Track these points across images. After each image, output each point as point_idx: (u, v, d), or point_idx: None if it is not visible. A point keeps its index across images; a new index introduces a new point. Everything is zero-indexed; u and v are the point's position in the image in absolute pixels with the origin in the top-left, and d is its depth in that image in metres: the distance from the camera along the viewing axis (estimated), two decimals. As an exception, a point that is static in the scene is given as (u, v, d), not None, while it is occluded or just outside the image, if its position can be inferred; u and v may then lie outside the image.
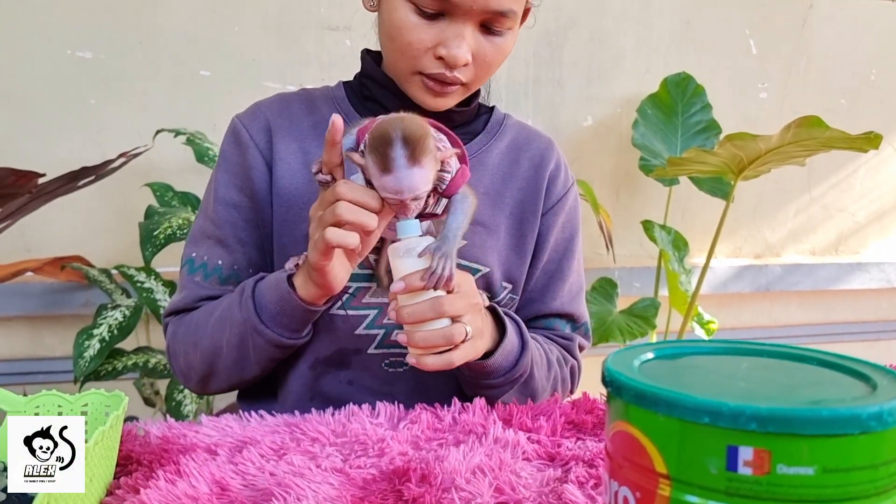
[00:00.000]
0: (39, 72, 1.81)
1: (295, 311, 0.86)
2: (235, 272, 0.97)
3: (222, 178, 0.98)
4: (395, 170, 0.72)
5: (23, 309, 1.81)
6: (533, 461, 0.74)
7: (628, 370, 0.45)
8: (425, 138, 0.73)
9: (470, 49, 0.88)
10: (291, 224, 0.95)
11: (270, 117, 0.98)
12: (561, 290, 1.04)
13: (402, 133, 0.72)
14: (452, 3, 0.85)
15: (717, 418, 0.38)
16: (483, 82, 0.95)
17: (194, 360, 0.95)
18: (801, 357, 0.49)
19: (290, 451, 0.74)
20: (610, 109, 2.23)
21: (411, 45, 0.88)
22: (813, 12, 2.35)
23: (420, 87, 0.92)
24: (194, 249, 0.99)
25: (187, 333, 0.96)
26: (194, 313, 0.97)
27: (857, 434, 0.37)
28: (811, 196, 2.45)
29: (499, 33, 0.89)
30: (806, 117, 1.53)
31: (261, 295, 0.88)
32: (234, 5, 1.91)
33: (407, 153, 0.72)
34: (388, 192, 0.74)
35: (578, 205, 1.08)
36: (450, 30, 0.87)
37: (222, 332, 0.91)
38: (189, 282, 0.98)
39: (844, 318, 2.50)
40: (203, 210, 1.01)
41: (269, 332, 0.88)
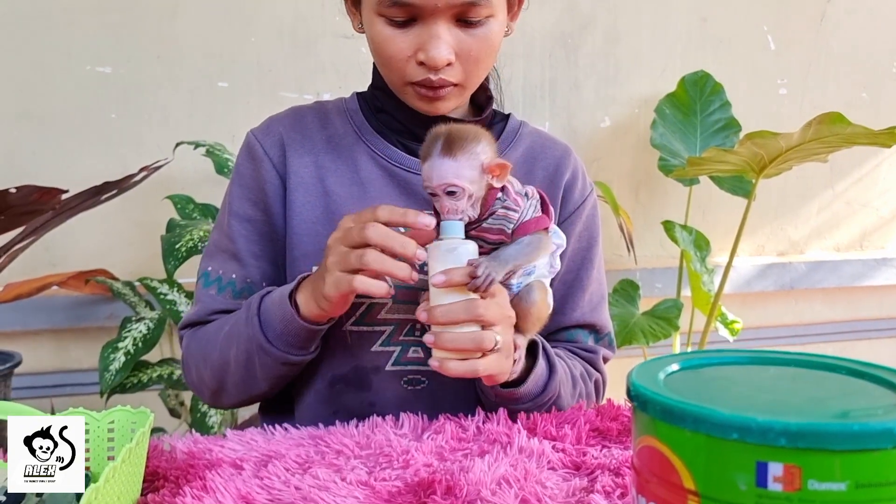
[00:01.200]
0: (60, 88, 1.84)
1: (300, 331, 0.86)
2: (249, 285, 0.97)
3: (236, 192, 0.99)
4: (428, 159, 0.77)
5: (49, 323, 1.83)
6: (558, 470, 0.74)
7: (653, 384, 0.45)
8: (467, 138, 0.77)
9: (450, 47, 0.86)
10: (305, 238, 0.95)
11: (284, 131, 0.99)
12: (581, 301, 1.02)
13: (449, 130, 0.78)
14: (417, 6, 0.84)
15: (746, 434, 0.38)
16: (477, 79, 0.93)
17: (205, 374, 0.96)
18: (829, 366, 0.48)
19: (314, 465, 0.74)
20: (627, 110, 2.22)
21: (392, 57, 0.88)
22: (831, 6, 2.32)
23: (413, 95, 0.91)
24: (210, 263, 0.99)
25: (199, 348, 0.96)
26: (207, 327, 0.97)
27: (890, 448, 0.37)
28: (834, 192, 2.41)
29: (478, 24, 0.86)
30: (827, 113, 1.51)
31: (266, 312, 0.88)
32: (249, 16, 1.93)
33: (442, 145, 0.76)
34: (424, 182, 0.78)
35: (597, 213, 1.06)
36: (424, 33, 0.86)
37: (230, 348, 0.91)
38: (204, 295, 0.98)
39: (871, 314, 2.47)
40: (218, 224, 1.01)
41: (275, 351, 0.87)
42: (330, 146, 0.98)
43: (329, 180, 0.96)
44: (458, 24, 0.86)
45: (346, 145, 0.98)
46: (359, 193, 0.96)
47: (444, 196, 0.77)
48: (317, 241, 0.95)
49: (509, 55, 2.10)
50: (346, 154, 0.98)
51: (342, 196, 0.96)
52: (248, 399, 0.97)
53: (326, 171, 0.97)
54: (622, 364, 0.91)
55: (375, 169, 0.97)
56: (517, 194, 0.81)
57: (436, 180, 0.76)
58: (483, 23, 0.87)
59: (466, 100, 0.97)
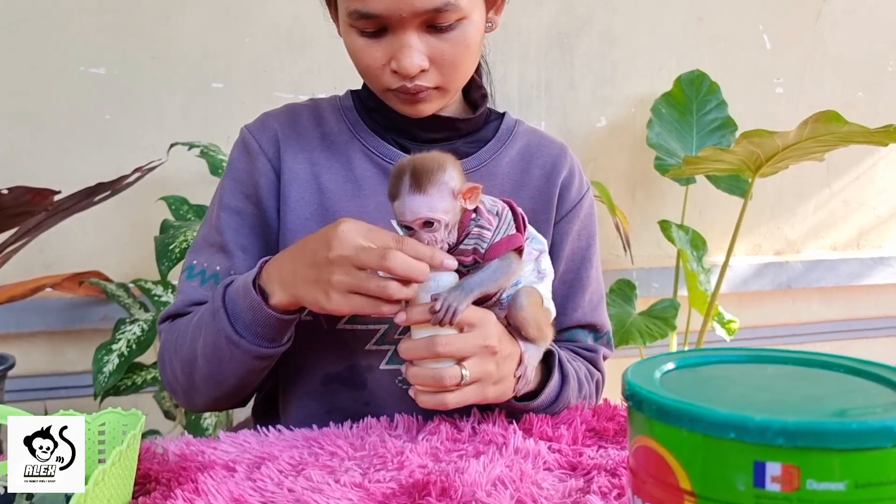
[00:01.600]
0: (54, 89, 1.83)
1: (269, 321, 0.82)
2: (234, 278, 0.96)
3: (229, 184, 0.98)
4: (399, 196, 0.75)
5: (43, 325, 1.82)
6: (554, 471, 0.73)
7: (649, 383, 0.44)
8: (433, 169, 0.75)
9: (422, 54, 0.86)
10: (298, 234, 0.94)
11: (279, 128, 0.98)
12: (582, 301, 1.02)
13: (413, 163, 0.76)
14: (384, 17, 0.83)
15: (743, 433, 0.37)
16: (459, 81, 0.92)
17: (177, 369, 0.92)
18: (826, 364, 0.48)
19: (308, 467, 0.73)
20: (624, 109, 2.21)
21: (368, 66, 0.89)
22: (827, 5, 2.31)
23: (395, 100, 0.92)
24: (195, 257, 0.97)
25: (171, 341, 0.93)
26: (180, 321, 0.94)
27: (889, 447, 0.36)
28: (831, 191, 2.41)
29: (449, 28, 0.86)
30: (823, 112, 1.50)
31: (231, 303, 0.84)
32: (245, 17, 1.92)
33: (412, 180, 0.75)
34: (396, 217, 0.77)
35: (594, 211, 1.06)
36: (395, 42, 0.85)
37: (197, 342, 0.87)
38: (186, 287, 0.96)
39: (868, 313, 2.46)
40: (206, 219, 1.00)
41: (244, 343, 0.83)
42: (324, 143, 0.98)
43: (323, 177, 0.96)
44: (429, 31, 0.86)
45: (340, 143, 0.98)
46: (353, 190, 0.96)
47: (421, 230, 0.75)
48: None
49: (505, 54, 2.10)
50: (340, 151, 0.98)
51: (336, 193, 0.96)
52: (219, 396, 0.92)
53: (321, 168, 0.96)
54: (619, 364, 0.90)
55: (370, 166, 0.97)
56: (489, 213, 0.80)
57: (409, 216, 0.75)
58: (454, 26, 0.86)
59: (452, 100, 0.97)
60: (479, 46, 0.92)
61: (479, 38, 0.91)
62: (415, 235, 0.76)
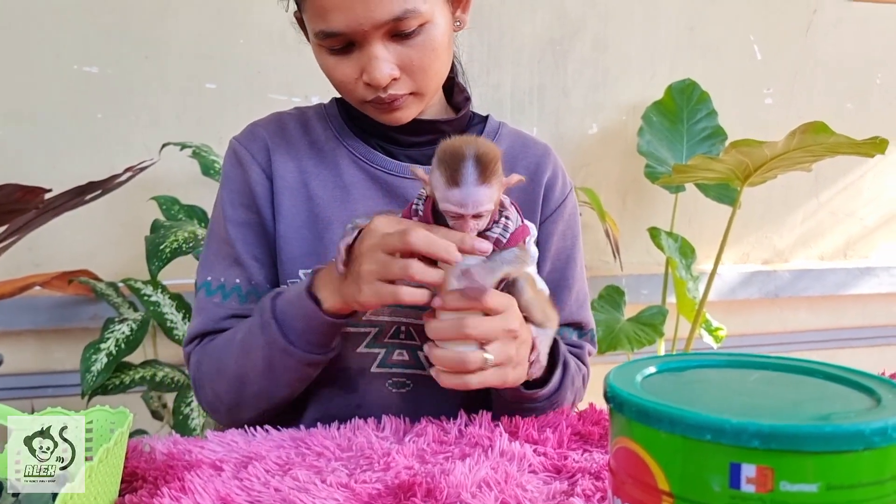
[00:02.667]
0: (46, 87, 1.83)
1: (323, 327, 0.85)
2: (254, 288, 0.96)
3: (228, 198, 0.98)
4: (463, 184, 0.74)
5: (31, 323, 1.82)
6: (539, 474, 0.74)
7: (630, 386, 0.45)
8: (497, 160, 0.75)
9: (391, 64, 0.87)
10: (292, 241, 0.96)
11: (268, 136, 0.99)
12: (568, 299, 1.03)
13: (476, 151, 0.74)
14: (348, 33, 0.85)
15: (720, 435, 0.38)
16: (432, 84, 0.93)
17: (221, 389, 0.93)
18: (806, 370, 0.49)
19: (295, 466, 0.73)
20: (615, 116, 2.23)
21: (342, 82, 0.91)
22: (817, 16, 2.34)
23: (372, 111, 0.93)
24: (209, 273, 0.98)
25: (211, 363, 0.94)
26: (216, 341, 0.95)
27: (861, 450, 0.37)
28: (819, 201, 2.43)
29: (413, 35, 0.87)
30: (811, 123, 1.52)
31: (282, 314, 0.86)
32: (239, 18, 1.92)
33: (478, 170, 0.73)
34: (452, 205, 0.75)
35: (577, 211, 1.07)
36: (363, 56, 0.87)
37: (246, 358, 0.89)
38: (207, 303, 0.96)
39: (854, 323, 2.48)
40: (212, 234, 1.01)
41: (297, 352, 0.85)
42: (312, 151, 0.99)
43: (312, 184, 0.97)
44: (394, 39, 0.87)
45: (328, 150, 0.99)
46: (342, 197, 0.97)
47: (470, 219, 0.76)
48: (303, 244, 0.96)
49: (499, 60, 2.11)
50: (328, 159, 0.99)
51: (326, 200, 0.97)
52: (267, 408, 0.93)
53: (310, 176, 0.97)
54: (606, 369, 0.91)
55: (358, 172, 0.98)
56: (512, 204, 0.82)
57: (472, 207, 0.75)
58: (418, 32, 0.87)
59: (429, 104, 0.97)
60: (448, 48, 0.92)
61: (447, 40, 0.91)
62: (460, 224, 0.76)
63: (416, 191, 0.96)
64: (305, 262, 0.95)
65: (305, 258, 0.95)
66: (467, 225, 0.76)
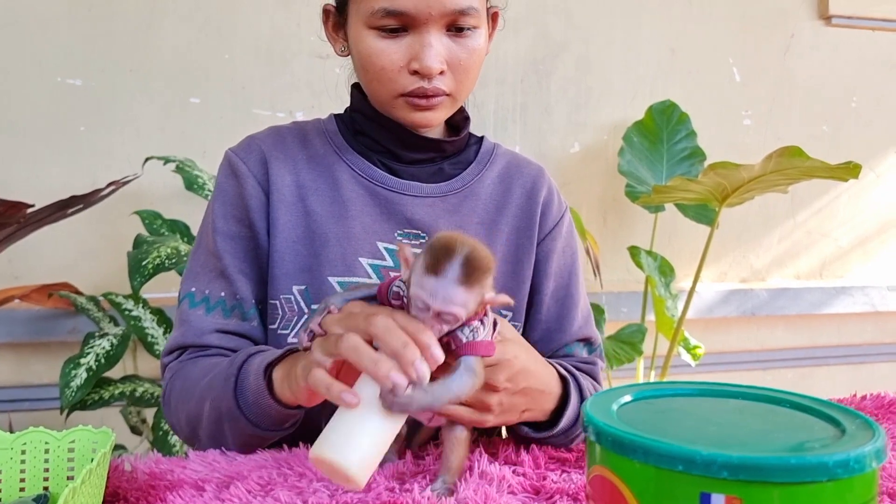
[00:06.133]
0: (29, 99, 1.82)
1: (269, 410, 0.79)
2: (239, 302, 0.95)
3: (220, 210, 0.97)
4: (441, 276, 0.65)
5: (9, 336, 1.80)
6: (518, 494, 0.75)
7: (606, 416, 0.46)
8: (487, 272, 0.67)
9: (441, 56, 0.88)
10: (286, 257, 0.95)
11: (265, 149, 0.98)
12: (577, 315, 1.04)
13: (469, 253, 0.66)
14: (411, 15, 0.86)
15: (691, 466, 0.39)
16: (466, 91, 0.94)
17: (181, 419, 0.91)
18: (775, 399, 0.50)
19: (276, 487, 0.74)
20: (597, 136, 2.26)
21: (385, 68, 0.89)
22: (795, 41, 2.39)
23: (405, 107, 0.92)
24: (193, 284, 0.96)
25: (181, 388, 0.91)
26: (192, 369, 0.91)
27: (824, 481, 0.39)
28: (795, 222, 2.48)
29: (466, 34, 0.89)
30: (787, 147, 1.55)
31: (245, 376, 0.81)
32: (224, 33, 1.93)
33: (464, 271, 0.65)
34: (423, 291, 0.66)
35: (574, 228, 1.09)
36: (417, 42, 0.88)
37: (205, 400, 0.85)
38: (190, 316, 0.94)
39: (830, 341, 2.53)
40: (200, 245, 0.99)
41: (243, 421, 0.81)
42: (311, 165, 0.98)
43: (310, 199, 0.96)
44: (448, 34, 0.89)
45: (326, 164, 0.98)
46: (340, 212, 0.96)
47: (434, 315, 0.66)
48: (298, 260, 0.95)
49: (483, 78, 2.12)
50: (326, 173, 0.98)
51: (323, 215, 0.96)
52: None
53: (307, 191, 0.97)
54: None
55: (356, 188, 0.97)
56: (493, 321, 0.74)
57: (441, 304, 0.65)
58: (471, 33, 0.90)
59: (452, 113, 0.98)
60: (482, 63, 0.94)
61: (484, 55, 0.94)
62: (422, 318, 0.67)
63: (415, 208, 0.97)
64: (300, 279, 0.95)
65: (300, 274, 0.95)
66: (429, 320, 0.66)
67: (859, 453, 0.39)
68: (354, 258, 0.95)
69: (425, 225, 0.97)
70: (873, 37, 2.45)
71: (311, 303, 0.95)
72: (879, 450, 0.41)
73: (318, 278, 0.94)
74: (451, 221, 0.98)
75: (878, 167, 2.51)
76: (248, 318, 0.96)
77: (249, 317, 0.96)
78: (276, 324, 0.96)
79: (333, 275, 0.94)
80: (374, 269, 0.96)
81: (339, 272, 0.94)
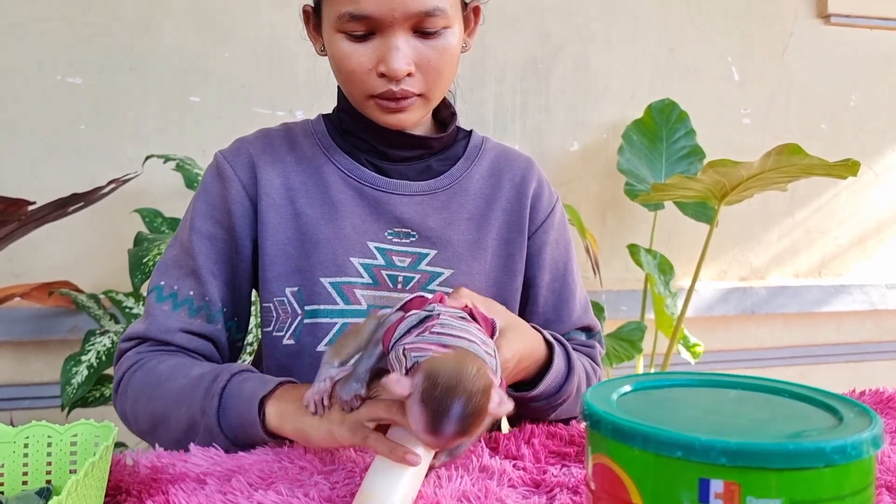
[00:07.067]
0: (30, 98, 1.83)
1: (255, 438, 0.81)
2: (206, 304, 0.95)
3: (200, 209, 0.97)
4: (441, 436, 0.61)
5: (9, 334, 1.80)
6: (518, 488, 0.75)
7: (606, 404, 0.47)
8: (484, 410, 0.61)
9: (408, 58, 0.88)
10: (277, 260, 0.95)
11: (254, 153, 0.98)
12: (575, 305, 1.05)
13: (467, 399, 0.60)
14: (375, 18, 0.86)
15: (690, 452, 0.40)
16: (439, 91, 0.94)
17: (139, 414, 0.90)
18: (774, 389, 0.51)
19: (277, 480, 0.74)
20: (596, 135, 2.26)
21: (354, 71, 0.90)
22: (793, 39, 2.40)
23: (376, 108, 0.92)
24: (163, 278, 0.96)
25: (145, 384, 0.90)
26: (160, 367, 0.90)
27: (821, 467, 0.39)
28: (794, 220, 2.48)
29: (435, 35, 0.88)
30: (785, 145, 1.56)
31: (229, 399, 0.82)
32: (224, 32, 1.94)
33: (463, 424, 0.60)
34: (424, 441, 0.63)
35: (566, 219, 1.09)
36: (383, 45, 0.87)
37: (176, 407, 0.85)
38: (156, 310, 0.94)
39: (829, 339, 2.53)
40: (176, 240, 0.99)
41: (222, 439, 0.82)
42: (299, 167, 0.99)
43: (299, 201, 0.97)
44: (416, 35, 0.88)
45: (315, 166, 0.99)
46: (329, 213, 0.96)
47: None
48: (289, 262, 0.95)
49: (482, 78, 2.14)
50: (315, 175, 0.98)
51: (313, 217, 0.96)
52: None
53: (296, 193, 0.97)
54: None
55: (345, 188, 0.98)
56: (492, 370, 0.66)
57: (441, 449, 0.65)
58: (440, 34, 0.89)
59: (429, 113, 0.98)
60: (457, 60, 0.94)
61: (459, 53, 0.93)
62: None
63: (404, 206, 0.97)
64: (292, 280, 0.95)
65: (292, 276, 0.95)
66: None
67: (856, 440, 0.40)
68: (346, 258, 0.95)
69: (415, 223, 0.97)
70: (872, 35, 2.46)
71: (304, 304, 0.95)
72: (876, 437, 0.41)
73: (311, 280, 0.95)
74: (440, 218, 0.98)
75: (877, 165, 2.52)
76: (213, 320, 0.96)
77: (215, 319, 0.96)
78: (271, 326, 0.97)
79: (325, 276, 0.94)
80: (366, 269, 0.96)
81: (330, 273, 0.94)
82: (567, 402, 0.92)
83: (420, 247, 0.98)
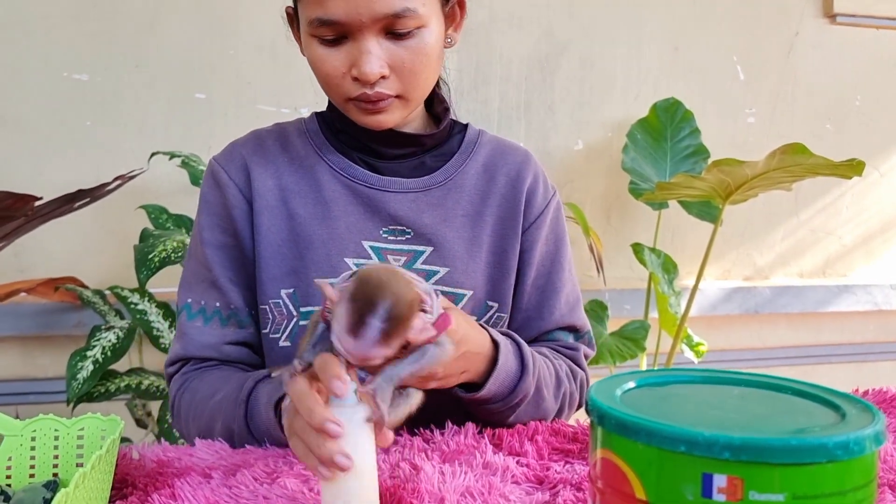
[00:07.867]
0: (36, 94, 1.83)
1: (281, 440, 0.82)
2: (234, 311, 0.97)
3: (206, 221, 0.98)
4: (360, 339, 0.62)
5: (16, 329, 1.81)
6: (522, 484, 0.76)
7: (611, 400, 0.47)
8: (408, 321, 0.63)
9: (381, 60, 0.87)
10: (271, 261, 0.96)
11: (246, 155, 0.99)
12: (557, 304, 1.03)
13: (390, 307, 0.62)
14: (343, 23, 0.85)
15: (693, 447, 0.40)
16: (419, 91, 0.93)
17: (194, 431, 0.93)
18: (777, 386, 0.51)
19: (282, 475, 0.75)
20: (601, 133, 2.26)
21: (329, 75, 0.90)
22: (799, 39, 2.39)
23: (355, 110, 0.92)
24: (189, 295, 0.98)
25: (192, 403, 0.94)
26: (200, 384, 0.94)
27: (824, 462, 0.39)
28: (799, 220, 2.48)
29: (408, 35, 0.87)
30: (790, 144, 1.56)
31: (253, 404, 0.85)
32: (229, 28, 1.94)
33: (383, 330, 0.62)
34: (341, 350, 0.63)
35: (562, 215, 1.07)
36: (355, 49, 0.87)
37: (215, 420, 0.89)
38: (189, 328, 0.97)
39: (832, 339, 2.53)
40: (192, 254, 1.01)
41: (255, 444, 0.86)
42: (292, 167, 0.99)
43: (293, 202, 0.97)
44: (388, 37, 0.87)
45: (307, 166, 0.99)
46: (322, 213, 0.96)
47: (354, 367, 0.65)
48: (284, 263, 0.96)
49: (487, 77, 2.14)
50: (308, 174, 0.98)
51: (306, 217, 0.96)
52: None
53: (290, 194, 0.97)
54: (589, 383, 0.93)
55: (338, 187, 0.97)
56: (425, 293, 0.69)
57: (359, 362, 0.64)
58: (413, 34, 0.88)
59: (412, 113, 0.97)
60: (438, 58, 0.93)
61: (439, 50, 0.92)
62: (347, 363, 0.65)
63: (398, 204, 0.97)
64: (287, 282, 0.96)
65: (287, 278, 0.96)
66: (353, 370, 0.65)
67: (859, 436, 0.40)
68: (340, 259, 0.95)
69: (409, 220, 0.97)
70: (878, 35, 2.45)
71: (300, 306, 0.95)
72: (879, 433, 0.41)
73: (305, 281, 0.95)
74: (435, 215, 0.98)
75: (882, 166, 2.52)
76: (245, 325, 0.98)
77: (246, 324, 0.98)
78: (268, 328, 0.97)
79: (320, 277, 0.94)
80: None
81: (325, 274, 0.94)
82: (524, 403, 0.90)
83: (415, 244, 0.97)
